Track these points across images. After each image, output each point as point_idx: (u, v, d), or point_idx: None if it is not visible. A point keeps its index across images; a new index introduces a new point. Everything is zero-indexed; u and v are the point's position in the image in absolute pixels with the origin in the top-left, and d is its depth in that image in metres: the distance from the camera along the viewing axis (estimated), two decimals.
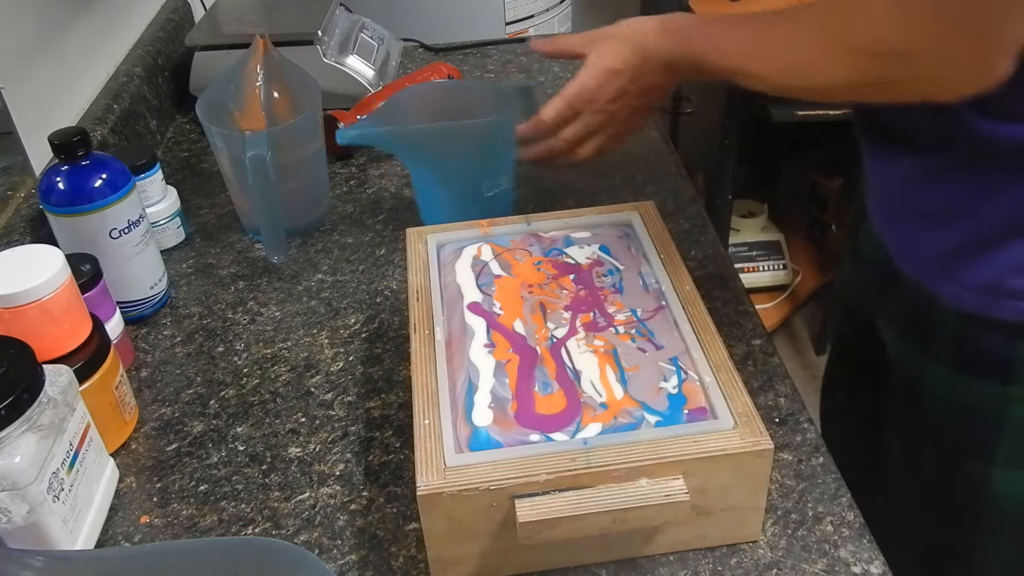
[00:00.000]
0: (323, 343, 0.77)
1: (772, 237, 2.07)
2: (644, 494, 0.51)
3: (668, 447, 0.52)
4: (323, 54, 1.11)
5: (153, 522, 0.62)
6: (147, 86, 1.08)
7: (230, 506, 0.63)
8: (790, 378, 0.70)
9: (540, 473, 0.51)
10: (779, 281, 2.05)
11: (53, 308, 0.62)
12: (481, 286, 0.66)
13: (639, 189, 0.95)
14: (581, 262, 0.68)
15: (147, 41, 1.14)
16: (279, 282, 0.85)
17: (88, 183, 0.74)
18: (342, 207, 0.96)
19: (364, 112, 1.06)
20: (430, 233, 0.73)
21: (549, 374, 0.58)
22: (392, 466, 0.65)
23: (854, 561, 0.56)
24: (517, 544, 0.52)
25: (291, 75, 0.90)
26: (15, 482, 0.52)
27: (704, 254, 0.85)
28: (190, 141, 1.12)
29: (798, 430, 0.65)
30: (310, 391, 0.72)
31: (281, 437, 0.68)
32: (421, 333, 0.62)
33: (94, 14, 1.03)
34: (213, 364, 0.76)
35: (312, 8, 1.17)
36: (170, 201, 0.89)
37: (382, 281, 0.84)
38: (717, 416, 0.54)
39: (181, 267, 0.88)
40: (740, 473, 0.53)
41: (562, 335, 0.61)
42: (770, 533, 0.58)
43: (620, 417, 0.54)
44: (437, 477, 0.51)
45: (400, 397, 0.71)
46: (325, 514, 0.61)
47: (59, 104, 0.93)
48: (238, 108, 0.87)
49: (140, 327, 0.81)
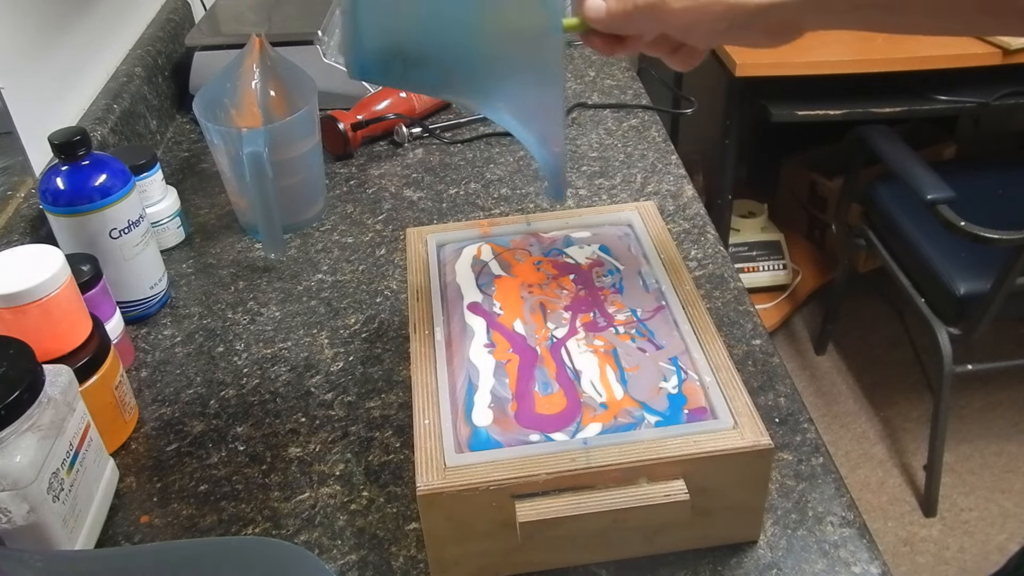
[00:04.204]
0: (323, 343, 0.77)
1: (772, 237, 2.07)
2: (644, 494, 0.51)
3: (668, 447, 0.52)
4: (323, 54, 1.11)
5: (153, 522, 0.62)
6: (147, 86, 1.08)
7: (230, 506, 0.63)
8: (790, 378, 0.70)
9: (540, 473, 0.51)
10: (779, 281, 2.05)
11: (53, 308, 0.62)
12: (481, 286, 0.66)
13: (639, 189, 0.96)
14: (581, 262, 0.68)
15: (147, 41, 1.14)
16: (279, 282, 0.85)
17: (88, 183, 0.74)
18: (342, 207, 0.96)
19: (364, 112, 1.07)
20: (430, 233, 0.73)
21: (549, 374, 0.58)
22: (392, 466, 0.65)
23: (854, 561, 0.56)
24: (517, 544, 0.52)
25: (287, 73, 0.90)
26: (15, 482, 0.52)
27: (704, 254, 0.85)
28: (190, 141, 1.12)
29: (798, 430, 0.65)
30: (310, 391, 0.72)
31: (281, 437, 0.68)
32: (421, 333, 0.62)
33: (94, 14, 1.03)
34: (213, 364, 0.76)
35: (312, 8, 1.18)
36: (170, 201, 0.89)
37: (382, 281, 0.84)
38: (717, 416, 0.54)
39: (181, 267, 0.89)
40: (740, 473, 0.53)
41: (562, 335, 0.61)
42: (770, 533, 0.58)
43: (620, 417, 0.54)
44: (437, 477, 0.51)
45: (400, 397, 0.71)
46: (325, 514, 0.61)
47: (59, 104, 0.93)
48: (235, 106, 0.87)
49: (140, 327, 0.81)
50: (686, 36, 0.56)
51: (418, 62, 0.57)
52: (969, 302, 1.47)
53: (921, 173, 1.43)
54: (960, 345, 1.53)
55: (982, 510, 1.70)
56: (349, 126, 1.04)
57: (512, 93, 0.60)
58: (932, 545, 1.64)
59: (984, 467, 1.79)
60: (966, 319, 1.49)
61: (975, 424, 1.87)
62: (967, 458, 1.80)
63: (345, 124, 1.04)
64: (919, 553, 1.63)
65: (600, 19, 0.56)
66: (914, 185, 1.42)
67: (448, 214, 0.94)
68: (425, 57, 0.57)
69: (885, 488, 1.76)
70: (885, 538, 1.66)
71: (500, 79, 0.59)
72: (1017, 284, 1.39)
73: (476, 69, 0.58)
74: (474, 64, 0.58)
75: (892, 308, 2.16)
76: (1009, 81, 1.55)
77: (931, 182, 1.40)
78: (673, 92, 1.66)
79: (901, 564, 1.61)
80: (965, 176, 1.58)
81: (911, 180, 1.43)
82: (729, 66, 1.57)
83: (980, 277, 1.47)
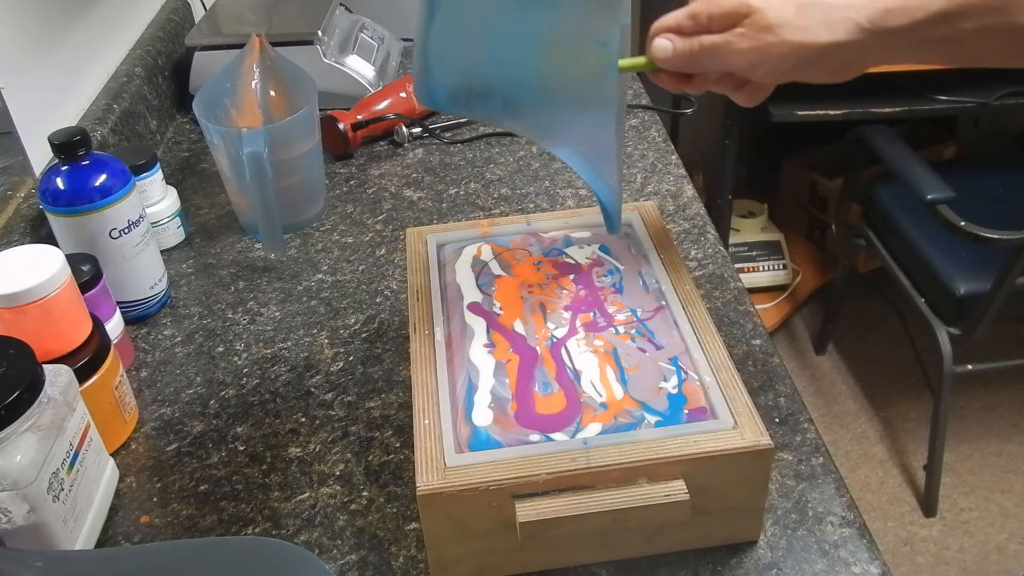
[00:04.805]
0: (323, 343, 0.77)
1: (772, 237, 2.07)
2: (644, 494, 0.51)
3: (668, 447, 0.52)
4: (323, 54, 1.11)
5: (153, 522, 0.62)
6: (147, 86, 1.08)
7: (230, 506, 0.63)
8: (790, 378, 0.70)
9: (540, 473, 0.51)
10: (779, 281, 2.05)
11: (53, 308, 0.62)
12: (481, 286, 0.66)
13: (639, 189, 0.96)
14: (581, 262, 0.68)
15: (147, 41, 1.14)
16: (279, 282, 0.85)
17: (88, 183, 0.74)
18: (342, 207, 0.96)
19: (364, 112, 1.07)
20: (430, 233, 0.73)
21: (549, 374, 0.58)
22: (392, 466, 0.65)
23: (854, 561, 0.56)
24: (517, 544, 0.52)
25: (287, 73, 0.90)
26: (15, 482, 0.52)
27: (704, 254, 0.85)
28: (190, 141, 1.12)
29: (798, 430, 0.65)
30: (310, 391, 0.72)
31: (281, 437, 0.68)
32: (421, 333, 0.62)
33: (94, 14, 1.03)
34: (213, 364, 0.76)
35: (312, 8, 1.18)
36: (170, 201, 0.89)
37: (382, 281, 0.84)
38: (717, 416, 0.54)
39: (181, 267, 0.89)
40: (740, 473, 0.53)
41: (562, 335, 0.61)
42: (770, 533, 0.58)
43: (620, 417, 0.54)
44: (437, 477, 0.51)
45: (400, 397, 0.71)
46: (325, 514, 0.61)
47: (59, 104, 0.93)
48: (235, 106, 0.87)
49: (140, 327, 0.81)
50: (751, 74, 0.57)
51: (483, 95, 0.60)
52: (969, 302, 1.47)
53: (921, 173, 1.43)
54: (960, 345, 1.53)
55: (982, 510, 1.70)
56: (349, 126, 1.04)
57: (570, 128, 0.61)
58: (932, 545, 1.64)
59: (984, 467, 1.79)
60: (966, 319, 1.49)
61: (975, 424, 1.87)
62: (967, 458, 1.80)
63: (345, 124, 1.04)
64: (919, 553, 1.63)
65: (667, 59, 0.58)
66: (914, 185, 1.42)
67: (448, 214, 0.94)
68: (490, 91, 0.60)
69: (885, 488, 1.76)
70: (885, 538, 1.66)
71: (559, 115, 0.60)
72: (1017, 284, 1.39)
73: (537, 104, 0.60)
74: (535, 100, 0.60)
75: (892, 308, 2.16)
76: (1009, 81, 1.55)
77: (931, 182, 1.40)
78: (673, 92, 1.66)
79: (901, 564, 1.61)
80: (965, 176, 1.58)
81: (911, 180, 1.43)
82: None
83: (980, 277, 1.47)
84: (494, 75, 0.59)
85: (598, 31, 0.56)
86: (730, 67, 0.57)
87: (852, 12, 0.52)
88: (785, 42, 0.53)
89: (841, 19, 0.52)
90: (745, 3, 0.54)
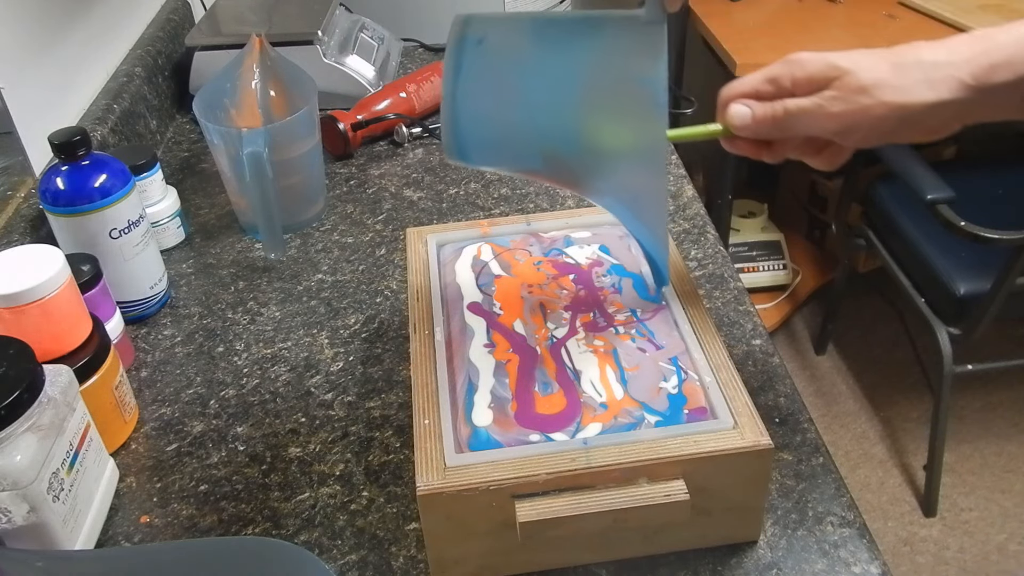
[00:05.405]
0: (323, 343, 0.77)
1: (772, 237, 2.07)
2: (644, 494, 0.51)
3: (668, 447, 0.52)
4: (323, 54, 1.11)
5: (153, 522, 0.62)
6: (147, 86, 1.08)
7: (230, 506, 0.63)
8: (790, 378, 0.70)
9: (540, 473, 0.51)
10: (779, 281, 2.05)
11: (53, 308, 0.62)
12: (481, 286, 0.66)
13: None
14: (581, 262, 0.68)
15: (147, 41, 1.14)
16: (279, 282, 0.85)
17: (88, 183, 0.74)
18: (342, 207, 0.96)
19: (364, 112, 1.07)
20: (430, 233, 0.73)
21: (549, 374, 0.58)
22: (392, 466, 0.65)
23: (854, 561, 0.56)
24: (517, 544, 0.52)
25: (287, 73, 0.90)
26: (15, 482, 0.52)
27: (704, 254, 0.85)
28: (190, 141, 1.12)
29: (798, 430, 0.65)
30: (310, 391, 0.72)
31: (281, 437, 0.68)
32: (421, 333, 0.62)
33: (94, 14, 1.03)
34: (213, 364, 0.76)
35: (312, 8, 1.18)
36: (170, 201, 0.89)
37: (382, 281, 0.84)
38: (717, 416, 0.54)
39: (181, 267, 0.89)
40: (740, 473, 0.53)
41: (562, 335, 0.61)
42: (770, 533, 0.58)
43: (620, 417, 0.54)
44: (437, 477, 0.51)
45: (400, 397, 0.71)
46: (325, 514, 0.61)
47: (59, 104, 0.93)
48: (234, 106, 0.87)
49: (140, 327, 0.81)
50: (844, 139, 0.53)
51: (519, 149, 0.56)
52: (969, 302, 1.47)
53: (921, 173, 1.43)
54: (960, 345, 1.53)
55: (982, 510, 1.70)
56: (349, 126, 1.04)
57: (613, 188, 0.58)
58: (932, 545, 1.64)
59: (984, 467, 1.79)
60: (966, 319, 1.49)
61: (975, 424, 1.87)
62: (967, 458, 1.80)
63: (345, 124, 1.04)
64: (919, 553, 1.63)
65: (747, 126, 0.54)
66: (914, 185, 1.42)
67: (448, 214, 0.94)
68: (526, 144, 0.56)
69: (885, 488, 1.76)
70: (885, 538, 1.66)
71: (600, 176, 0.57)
72: (1017, 284, 1.39)
73: (579, 154, 0.56)
74: (577, 149, 0.56)
75: (892, 308, 2.16)
76: None
77: (931, 182, 1.40)
78: (673, 92, 1.66)
79: (901, 564, 1.61)
80: (965, 176, 1.58)
81: (911, 180, 1.43)
82: (729, 66, 1.57)
83: (980, 277, 1.47)
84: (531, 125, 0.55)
85: (642, 69, 0.52)
86: (819, 131, 0.53)
87: (954, 69, 0.49)
88: (883, 103, 0.50)
89: (943, 77, 0.49)
90: (834, 65, 0.51)
